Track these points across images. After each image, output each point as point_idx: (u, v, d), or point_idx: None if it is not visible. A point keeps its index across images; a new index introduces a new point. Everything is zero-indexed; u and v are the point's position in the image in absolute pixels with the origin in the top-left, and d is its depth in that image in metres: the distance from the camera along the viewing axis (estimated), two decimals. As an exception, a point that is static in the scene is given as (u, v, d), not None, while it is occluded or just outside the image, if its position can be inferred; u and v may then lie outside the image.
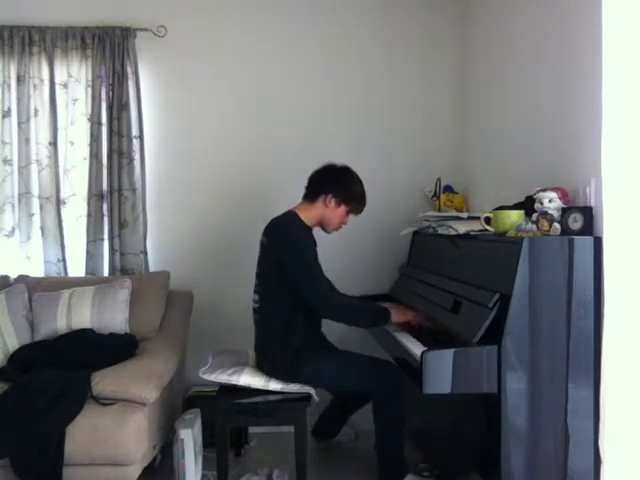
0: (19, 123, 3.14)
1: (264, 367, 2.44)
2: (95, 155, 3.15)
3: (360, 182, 2.57)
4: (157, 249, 3.30)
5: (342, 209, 2.53)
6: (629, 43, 1.57)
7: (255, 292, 2.52)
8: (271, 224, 2.49)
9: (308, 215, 2.50)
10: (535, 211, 2.05)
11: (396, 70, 3.35)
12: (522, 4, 2.55)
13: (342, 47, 3.32)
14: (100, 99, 3.15)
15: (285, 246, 2.40)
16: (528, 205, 2.13)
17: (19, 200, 3.17)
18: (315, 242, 2.52)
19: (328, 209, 2.51)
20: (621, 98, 1.59)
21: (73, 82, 3.18)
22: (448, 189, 3.16)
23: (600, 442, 1.66)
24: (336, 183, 2.51)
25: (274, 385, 2.36)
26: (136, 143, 3.17)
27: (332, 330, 2.57)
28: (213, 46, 3.28)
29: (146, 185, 3.22)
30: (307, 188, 2.57)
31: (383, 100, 3.35)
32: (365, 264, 3.32)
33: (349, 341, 2.74)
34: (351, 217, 2.61)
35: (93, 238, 3.17)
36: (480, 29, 3.09)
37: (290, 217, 2.48)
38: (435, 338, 2.23)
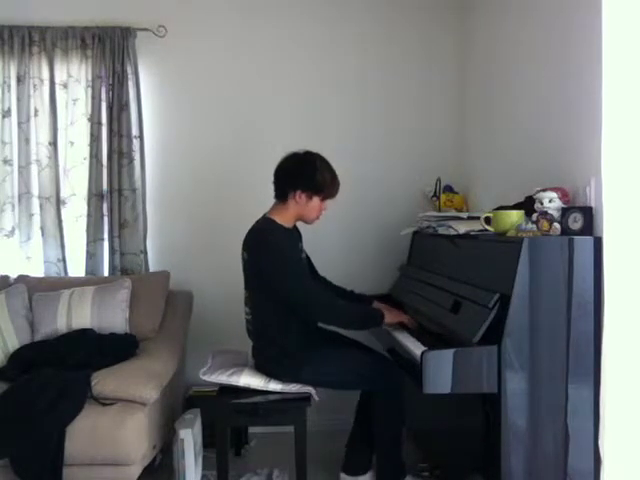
0: (19, 123, 3.14)
1: (263, 371, 2.42)
2: (95, 155, 3.16)
3: (326, 166, 2.40)
4: (157, 249, 3.30)
5: (315, 201, 2.39)
6: (629, 43, 1.57)
7: (245, 304, 2.48)
8: (248, 237, 2.39)
9: (284, 217, 2.40)
10: (535, 211, 2.05)
11: (396, 70, 3.35)
12: (522, 5, 2.55)
13: (342, 48, 3.32)
14: (100, 99, 3.15)
15: (266, 258, 2.30)
16: (528, 205, 2.13)
17: (19, 200, 3.17)
18: (300, 236, 2.49)
19: (300, 205, 2.39)
20: (621, 98, 1.59)
21: (73, 82, 3.18)
22: (448, 189, 3.16)
23: (600, 442, 1.66)
24: (300, 177, 2.36)
25: (274, 385, 2.36)
26: (136, 143, 3.17)
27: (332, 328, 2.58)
28: (213, 46, 3.28)
29: (146, 185, 3.22)
30: (274, 187, 2.43)
31: (383, 100, 3.35)
32: (365, 264, 3.32)
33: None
34: (329, 202, 2.47)
35: (93, 238, 3.17)
36: (480, 30, 3.09)
37: (266, 225, 2.38)
38: (435, 338, 2.23)
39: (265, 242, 2.32)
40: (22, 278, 3.04)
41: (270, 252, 2.30)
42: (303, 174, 2.37)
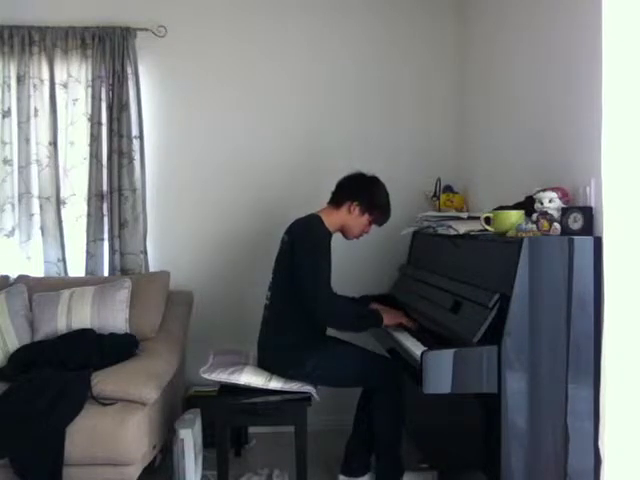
0: (19, 123, 3.14)
1: (266, 364, 2.45)
2: (95, 155, 3.16)
3: (386, 194, 2.59)
4: (157, 249, 3.30)
5: (365, 218, 2.55)
6: (629, 43, 1.58)
7: (269, 289, 2.54)
8: (295, 224, 2.51)
9: (331, 220, 2.52)
10: (535, 211, 2.05)
11: (396, 70, 3.35)
12: (521, 5, 2.55)
13: (342, 49, 3.32)
14: (100, 99, 3.15)
15: (302, 247, 2.41)
16: (528, 205, 2.13)
17: (19, 200, 3.17)
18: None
19: (351, 216, 2.53)
20: (621, 98, 1.59)
21: (73, 82, 3.18)
22: (448, 189, 3.16)
23: (600, 442, 1.66)
24: (363, 191, 2.53)
25: (274, 384, 2.36)
26: (136, 143, 3.17)
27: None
28: (213, 46, 3.28)
29: (146, 185, 3.22)
30: (334, 193, 2.58)
31: (383, 100, 3.35)
32: (365, 264, 3.32)
33: (348, 338, 2.73)
34: (373, 227, 2.62)
35: (93, 238, 3.17)
36: (479, 29, 3.09)
37: (314, 220, 2.50)
38: (435, 338, 2.23)
39: (309, 233, 2.46)
40: (22, 278, 3.04)
41: (309, 243, 2.41)
42: (366, 190, 2.54)
